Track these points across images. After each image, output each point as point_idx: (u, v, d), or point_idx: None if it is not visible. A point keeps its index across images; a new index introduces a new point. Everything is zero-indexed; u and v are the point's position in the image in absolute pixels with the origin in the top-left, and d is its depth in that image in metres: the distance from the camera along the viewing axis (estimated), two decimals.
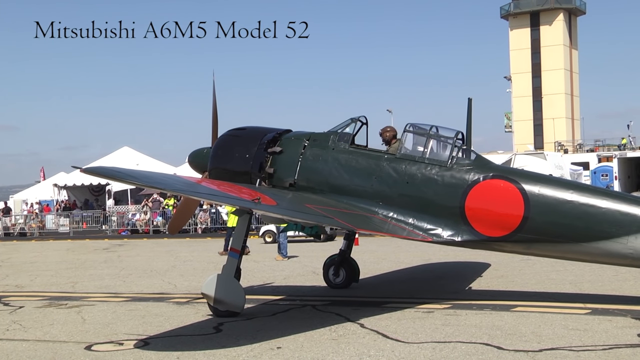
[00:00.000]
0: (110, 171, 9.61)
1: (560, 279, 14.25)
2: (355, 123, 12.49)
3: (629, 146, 67.06)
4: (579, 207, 10.71)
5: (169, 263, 21.35)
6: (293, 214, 11.14)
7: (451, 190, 11.39)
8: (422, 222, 11.43)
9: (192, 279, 16.52)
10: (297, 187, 12.29)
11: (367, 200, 11.78)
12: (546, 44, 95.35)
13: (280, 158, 12.54)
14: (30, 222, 46.11)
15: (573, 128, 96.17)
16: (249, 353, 8.48)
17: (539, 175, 12.02)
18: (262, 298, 12.81)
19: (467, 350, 8.28)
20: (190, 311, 11.72)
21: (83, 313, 11.98)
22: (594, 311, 10.45)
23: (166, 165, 48.89)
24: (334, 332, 9.55)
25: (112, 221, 43.47)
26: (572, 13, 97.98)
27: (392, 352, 8.33)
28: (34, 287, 16.49)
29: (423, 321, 10.10)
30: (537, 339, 8.69)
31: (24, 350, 9.19)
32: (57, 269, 20.63)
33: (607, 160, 45.51)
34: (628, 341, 8.48)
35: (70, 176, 47.13)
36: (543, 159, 38.51)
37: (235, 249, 11.03)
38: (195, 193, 10.36)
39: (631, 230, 10.34)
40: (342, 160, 12.18)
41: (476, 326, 9.58)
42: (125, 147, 51.06)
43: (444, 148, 11.84)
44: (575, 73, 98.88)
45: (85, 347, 9.16)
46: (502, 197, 11.11)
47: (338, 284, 14.01)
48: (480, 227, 11.15)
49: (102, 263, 22.35)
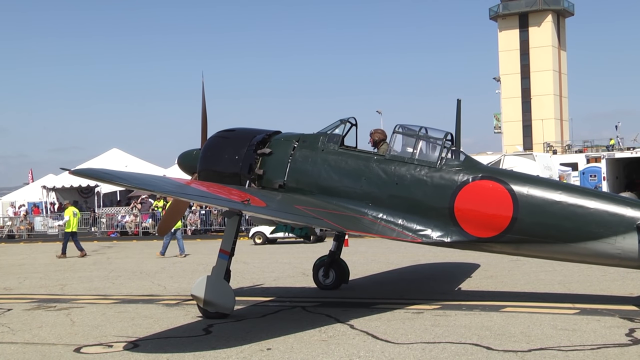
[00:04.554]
0: (99, 173, 9.59)
1: (549, 280, 14.31)
2: (344, 124, 12.50)
3: (617, 147, 67.28)
4: (567, 207, 10.76)
5: (158, 265, 21.30)
6: (282, 215, 11.14)
7: (440, 191, 11.41)
8: (411, 223, 11.45)
9: (181, 281, 16.50)
10: (287, 188, 12.29)
11: (356, 202, 11.80)
12: (535, 45, 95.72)
13: (270, 159, 12.54)
14: (18, 225, 45.85)
15: (562, 129, 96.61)
16: (238, 354, 8.48)
17: (527, 176, 12.06)
18: (251, 299, 12.80)
19: (457, 350, 8.30)
20: (180, 313, 11.70)
21: (72, 315, 11.94)
22: (583, 311, 10.51)
23: (155, 166, 48.62)
24: (324, 333, 9.56)
25: (101, 223, 43.31)
26: (560, 14, 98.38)
27: (381, 352, 8.34)
28: (22, 289, 16.41)
29: (413, 322, 10.12)
30: (526, 339, 8.73)
31: (12, 353, 9.15)
32: (46, 271, 20.54)
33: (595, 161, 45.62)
34: (616, 341, 8.53)
35: (59, 178, 46.83)
36: (532, 160, 38.55)
37: (225, 251, 11.03)
38: (185, 195, 10.34)
39: (619, 230, 10.40)
40: (331, 161, 12.18)
41: (465, 327, 9.62)
42: (114, 148, 50.70)
43: (433, 149, 11.87)
44: (563, 74, 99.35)
45: (75, 350, 9.14)
46: (491, 198, 11.15)
47: (328, 285, 14.01)
48: (470, 228, 11.18)
49: (91, 265, 22.27)
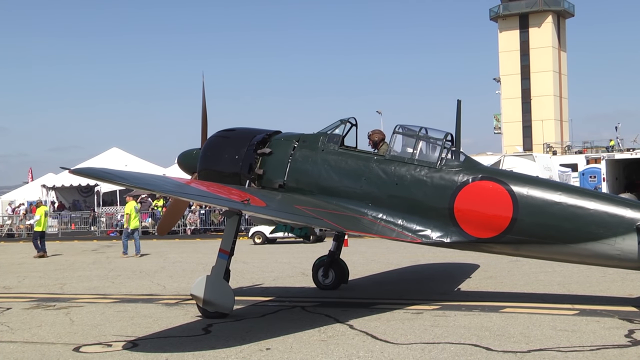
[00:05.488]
0: (99, 172, 9.58)
1: (548, 280, 14.31)
2: (344, 124, 12.50)
3: (617, 148, 67.32)
4: (567, 208, 10.76)
5: (158, 264, 21.30)
6: (282, 215, 11.14)
7: (440, 192, 11.42)
8: (411, 223, 11.46)
9: (181, 280, 16.49)
10: (287, 188, 12.29)
11: (356, 202, 11.80)
12: (535, 46, 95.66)
13: (270, 159, 12.54)
14: (18, 223, 45.83)
15: (562, 130, 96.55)
16: (238, 354, 8.48)
17: (527, 176, 12.07)
18: (251, 299, 12.80)
19: (456, 351, 8.30)
20: (180, 312, 11.70)
21: (71, 314, 11.94)
22: (582, 312, 10.51)
23: (155, 166, 48.63)
24: (323, 333, 9.56)
25: (100, 222, 43.31)
26: (560, 15, 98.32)
27: (381, 353, 8.34)
28: (21, 288, 16.41)
29: (412, 322, 10.12)
30: (526, 340, 8.73)
31: (11, 352, 9.15)
32: (45, 270, 20.54)
33: (595, 162, 45.63)
34: (615, 342, 8.53)
35: (59, 177, 46.83)
36: (532, 161, 38.55)
37: (224, 251, 11.02)
38: (185, 194, 10.34)
39: (618, 231, 10.40)
40: (331, 161, 12.18)
41: (465, 327, 9.61)
42: (114, 148, 50.71)
43: (433, 149, 11.87)
44: (564, 75, 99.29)
45: (74, 349, 9.14)
46: (491, 198, 11.15)
47: (327, 285, 14.01)
48: (469, 229, 11.18)
49: (90, 264, 22.26)
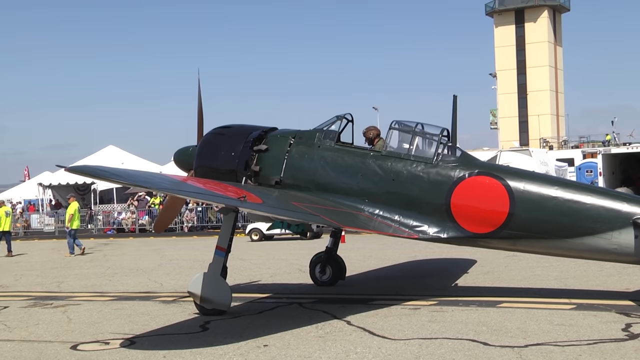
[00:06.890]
0: (96, 170, 9.58)
1: (545, 275, 14.33)
2: (341, 120, 12.49)
3: (613, 142, 67.54)
4: (564, 203, 10.77)
5: (155, 262, 21.28)
6: (279, 212, 11.14)
7: (437, 187, 11.42)
8: (408, 219, 11.46)
9: (178, 278, 16.48)
10: (283, 185, 12.28)
11: (353, 198, 11.79)
12: (531, 41, 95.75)
13: (266, 156, 12.53)
14: (15, 222, 45.74)
15: (558, 124, 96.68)
16: (235, 351, 8.48)
17: (524, 171, 12.10)
18: (248, 296, 12.80)
19: (454, 346, 8.32)
20: (177, 310, 11.69)
21: (69, 312, 11.93)
22: (579, 306, 10.53)
23: (152, 163, 48.55)
24: (321, 329, 9.56)
25: (97, 220, 43.26)
26: (556, 10, 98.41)
27: (378, 349, 8.35)
28: (18, 287, 16.39)
29: (409, 318, 10.13)
30: (523, 335, 8.75)
31: (8, 350, 9.14)
32: (42, 269, 20.51)
33: (591, 157, 45.70)
34: (612, 336, 8.55)
35: (55, 175, 46.71)
36: (528, 156, 38.57)
37: (221, 248, 11.01)
38: (181, 191, 10.33)
39: (615, 225, 10.41)
40: (328, 157, 12.17)
41: (462, 322, 9.63)
42: (111, 145, 50.57)
43: (429, 145, 11.87)
44: (559, 70, 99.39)
45: (71, 347, 9.13)
46: (488, 193, 11.15)
47: (325, 281, 14.02)
48: (466, 224, 11.19)
49: (87, 262, 22.24)
